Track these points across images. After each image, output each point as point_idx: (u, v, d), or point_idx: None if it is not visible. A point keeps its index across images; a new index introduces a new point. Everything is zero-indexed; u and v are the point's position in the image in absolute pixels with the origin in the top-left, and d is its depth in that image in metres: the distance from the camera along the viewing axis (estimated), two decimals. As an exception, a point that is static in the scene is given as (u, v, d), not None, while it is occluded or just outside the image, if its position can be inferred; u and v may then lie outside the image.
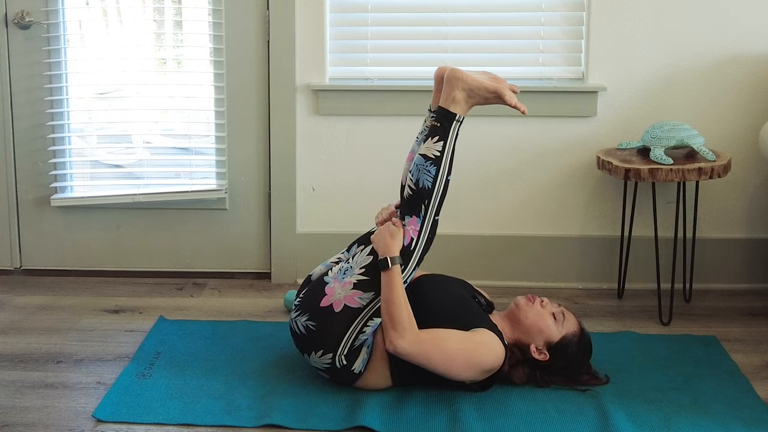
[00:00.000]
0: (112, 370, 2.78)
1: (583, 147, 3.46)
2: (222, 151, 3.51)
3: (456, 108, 2.60)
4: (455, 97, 2.59)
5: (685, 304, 3.37)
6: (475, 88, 2.59)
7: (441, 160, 2.58)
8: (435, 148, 2.58)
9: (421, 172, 2.58)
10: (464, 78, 2.59)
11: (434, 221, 2.62)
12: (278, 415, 2.48)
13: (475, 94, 2.60)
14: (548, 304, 2.68)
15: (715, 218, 3.51)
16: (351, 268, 2.60)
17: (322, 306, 2.56)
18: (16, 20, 3.41)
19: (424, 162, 2.58)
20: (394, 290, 2.50)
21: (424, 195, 2.58)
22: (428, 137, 2.60)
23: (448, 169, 2.60)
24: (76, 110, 3.54)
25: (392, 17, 3.45)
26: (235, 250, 3.62)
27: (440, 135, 2.59)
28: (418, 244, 2.59)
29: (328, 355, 2.56)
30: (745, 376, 2.74)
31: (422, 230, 2.60)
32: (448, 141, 2.60)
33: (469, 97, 2.60)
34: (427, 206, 2.59)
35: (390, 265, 2.52)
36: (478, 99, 2.62)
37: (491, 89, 2.59)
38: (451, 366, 2.50)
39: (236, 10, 3.42)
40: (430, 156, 2.58)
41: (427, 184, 2.58)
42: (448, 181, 2.62)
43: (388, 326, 2.49)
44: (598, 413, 2.49)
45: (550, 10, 3.40)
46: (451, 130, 2.60)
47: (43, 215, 3.61)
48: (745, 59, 3.38)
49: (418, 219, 2.60)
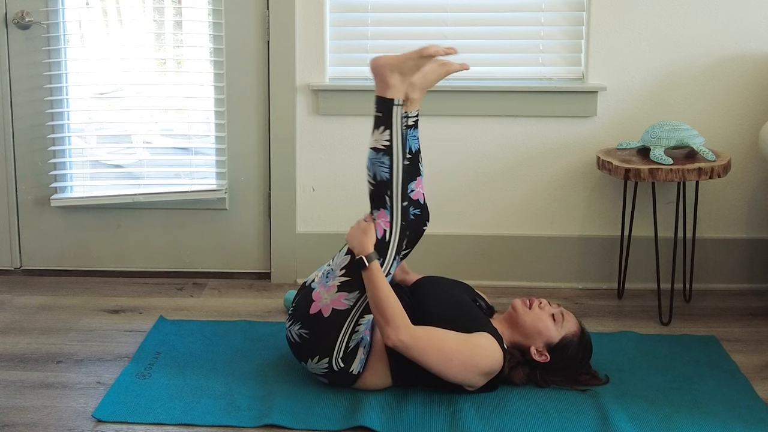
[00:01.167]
0: (112, 370, 2.78)
1: (583, 147, 3.46)
2: (222, 151, 3.51)
3: (392, 92, 2.58)
4: (388, 82, 2.58)
5: (685, 304, 3.37)
6: (401, 63, 2.57)
7: (392, 149, 2.57)
8: (383, 139, 2.57)
9: (375, 166, 2.57)
10: (388, 60, 2.58)
11: (403, 208, 2.60)
12: (278, 415, 2.48)
13: (406, 69, 2.58)
14: (547, 305, 2.67)
15: (715, 218, 3.51)
16: (332, 270, 2.59)
17: (312, 313, 2.56)
18: (16, 20, 3.41)
19: (377, 155, 2.57)
20: (378, 287, 2.49)
21: (385, 186, 2.57)
22: (374, 129, 2.59)
23: (402, 154, 2.59)
24: (76, 110, 3.54)
25: (392, 17, 3.45)
26: (235, 250, 3.62)
27: (384, 124, 2.58)
28: (392, 235, 2.57)
29: (325, 359, 2.56)
30: (745, 376, 2.74)
31: (393, 220, 2.58)
32: (394, 128, 2.58)
33: (401, 75, 2.58)
34: (390, 196, 2.58)
35: (367, 263, 2.50)
36: (412, 71, 2.60)
37: (415, 53, 2.57)
38: (448, 366, 2.49)
39: (236, 10, 3.42)
40: (380, 147, 2.57)
41: (385, 176, 2.57)
42: (405, 165, 2.60)
43: (382, 323, 2.48)
44: (598, 413, 2.49)
45: (550, 10, 3.40)
46: (394, 115, 2.58)
47: (43, 215, 3.61)
48: (745, 59, 3.38)
49: (386, 211, 2.58)
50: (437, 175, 3.49)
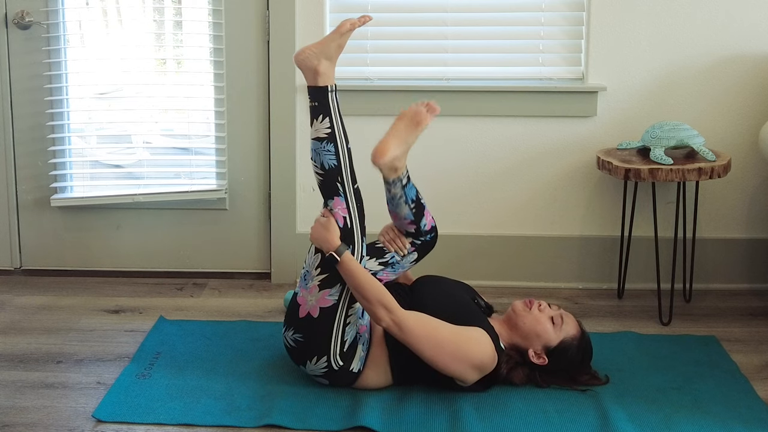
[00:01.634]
0: (112, 370, 2.78)
1: (583, 147, 3.46)
2: (222, 152, 3.51)
3: (323, 80, 2.62)
4: (318, 70, 2.61)
5: (685, 304, 3.37)
6: (324, 47, 2.62)
7: (334, 135, 2.60)
8: (323, 127, 2.60)
9: (321, 155, 2.60)
10: (311, 49, 2.62)
11: (355, 190, 2.63)
12: (278, 415, 2.48)
13: (331, 51, 2.63)
14: (546, 307, 2.66)
15: (715, 218, 3.51)
16: (308, 272, 2.60)
17: (301, 317, 2.57)
18: (16, 20, 3.41)
19: (320, 144, 2.60)
20: (357, 277, 2.51)
21: (335, 173, 2.60)
22: (313, 120, 2.62)
23: (344, 138, 2.63)
24: (76, 110, 3.54)
25: (392, 17, 3.45)
26: (235, 250, 3.62)
27: (323, 112, 2.62)
28: (353, 220, 2.60)
29: (323, 359, 2.56)
30: (745, 376, 2.74)
31: (349, 205, 2.60)
32: (333, 114, 2.62)
33: (327, 59, 2.63)
34: (342, 182, 2.61)
35: (338, 257, 2.52)
36: (337, 52, 2.65)
37: (334, 34, 2.62)
38: (438, 353, 2.49)
39: (236, 10, 3.42)
40: (322, 136, 2.60)
41: (332, 163, 2.59)
42: (349, 149, 2.63)
43: (369, 307, 2.50)
44: (598, 413, 2.49)
45: (550, 10, 3.40)
46: (330, 102, 2.62)
47: (43, 215, 3.61)
48: (745, 59, 3.38)
49: (340, 197, 2.60)
50: (437, 175, 3.49)
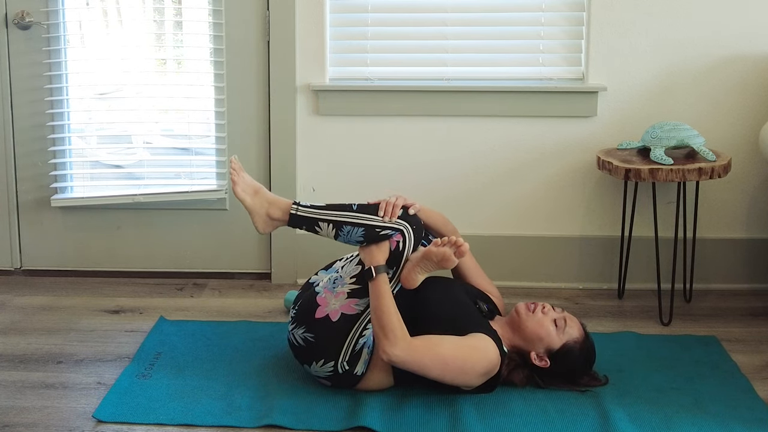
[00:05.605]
0: (112, 370, 2.78)
1: (583, 147, 3.46)
2: (222, 152, 3.51)
3: (282, 210, 2.67)
4: (269, 213, 2.69)
5: (685, 304, 3.37)
6: (246, 185, 2.70)
7: (342, 224, 2.61)
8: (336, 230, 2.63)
9: (367, 238, 2.62)
10: (248, 204, 2.70)
11: (409, 218, 2.64)
12: (278, 415, 2.48)
13: (253, 184, 2.71)
14: (550, 310, 2.65)
15: (715, 218, 3.51)
16: (341, 278, 2.60)
17: (318, 318, 2.56)
18: (16, 20, 3.41)
19: (355, 232, 2.62)
20: (382, 299, 2.50)
21: (396, 252, 2.61)
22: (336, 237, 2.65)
23: (354, 215, 2.63)
24: (76, 110, 3.54)
25: (392, 17, 3.44)
26: (235, 250, 3.62)
27: (316, 225, 2.64)
28: (406, 245, 2.61)
29: (330, 363, 2.56)
30: (745, 376, 2.74)
31: (405, 233, 2.61)
32: (327, 218, 2.63)
33: (255, 192, 2.70)
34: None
35: (375, 274, 2.52)
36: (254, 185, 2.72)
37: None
38: (445, 371, 2.48)
39: (236, 10, 3.42)
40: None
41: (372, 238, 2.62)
42: (375, 206, 2.65)
43: (380, 335, 2.47)
44: (599, 413, 2.49)
45: (550, 10, 3.40)
46: (311, 216, 2.64)
47: (43, 215, 3.61)
48: (745, 59, 3.38)
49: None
50: (437, 175, 3.49)
